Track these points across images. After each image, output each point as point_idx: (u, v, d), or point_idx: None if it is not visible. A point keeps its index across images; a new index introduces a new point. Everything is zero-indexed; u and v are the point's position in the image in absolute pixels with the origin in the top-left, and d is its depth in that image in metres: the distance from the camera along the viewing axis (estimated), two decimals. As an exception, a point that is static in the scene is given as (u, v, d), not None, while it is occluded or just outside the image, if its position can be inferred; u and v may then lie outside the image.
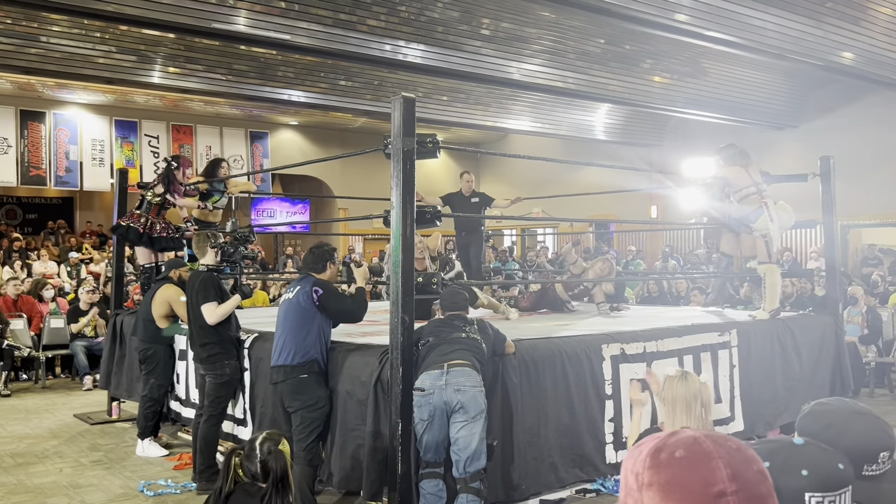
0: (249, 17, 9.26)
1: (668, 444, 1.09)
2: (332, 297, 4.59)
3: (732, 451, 1.07)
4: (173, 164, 7.40)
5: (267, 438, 2.95)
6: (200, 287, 5.31)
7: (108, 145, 15.70)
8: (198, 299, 5.30)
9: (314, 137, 18.40)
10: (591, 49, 11.67)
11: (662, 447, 1.09)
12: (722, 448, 1.07)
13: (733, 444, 1.09)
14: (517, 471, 4.60)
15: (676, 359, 5.57)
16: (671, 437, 1.11)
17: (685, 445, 1.08)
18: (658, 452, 1.09)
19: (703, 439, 1.08)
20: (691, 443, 1.08)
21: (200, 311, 5.28)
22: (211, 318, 5.24)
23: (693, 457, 1.06)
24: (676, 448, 1.08)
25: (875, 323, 8.67)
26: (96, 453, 6.24)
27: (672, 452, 1.08)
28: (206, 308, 5.25)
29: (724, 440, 1.09)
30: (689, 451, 1.07)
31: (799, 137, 14.06)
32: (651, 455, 1.09)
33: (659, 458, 1.08)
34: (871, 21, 9.84)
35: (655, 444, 1.11)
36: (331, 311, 4.58)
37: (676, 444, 1.09)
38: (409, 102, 4.33)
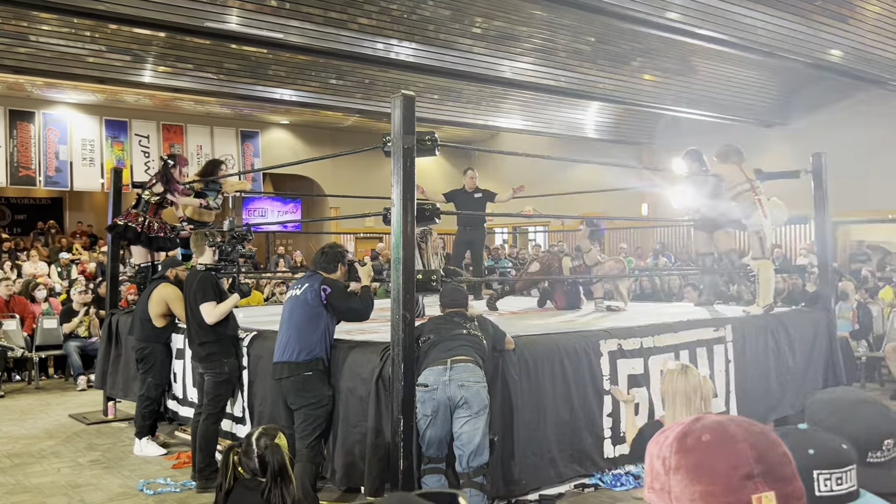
0: (241, 16, 9.25)
1: (694, 429, 1.12)
2: (341, 296, 4.60)
3: (757, 434, 1.10)
4: (170, 163, 7.38)
5: (263, 434, 2.98)
6: (199, 286, 5.32)
7: (98, 145, 15.62)
8: (196, 299, 5.31)
9: (305, 136, 18.38)
10: (582, 47, 11.72)
11: (689, 432, 1.12)
12: (747, 431, 1.10)
13: (757, 427, 1.12)
14: (517, 466, 4.63)
15: (673, 354, 5.62)
16: (696, 422, 1.14)
17: (711, 430, 1.11)
18: (685, 437, 1.11)
19: (728, 423, 1.11)
20: (717, 427, 1.11)
21: (199, 310, 5.29)
22: (210, 317, 5.25)
23: (719, 440, 1.09)
24: (703, 433, 1.11)
25: (865, 318, 8.76)
26: (93, 453, 6.23)
27: (699, 437, 1.10)
28: (205, 307, 5.25)
29: (748, 424, 1.12)
30: (715, 435, 1.10)
31: (788, 135, 14.16)
32: (678, 440, 1.12)
33: (686, 443, 1.11)
34: (859, 19, 9.93)
35: (682, 429, 1.14)
36: (339, 310, 4.60)
37: (703, 429, 1.11)
38: (409, 100, 4.35)
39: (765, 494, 1.05)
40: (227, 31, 9.49)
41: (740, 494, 1.05)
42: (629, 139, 16.40)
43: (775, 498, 1.05)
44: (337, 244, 5.11)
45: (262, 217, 18.66)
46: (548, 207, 11.95)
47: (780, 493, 1.06)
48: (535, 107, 14.87)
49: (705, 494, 1.07)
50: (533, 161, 17.20)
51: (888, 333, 8.66)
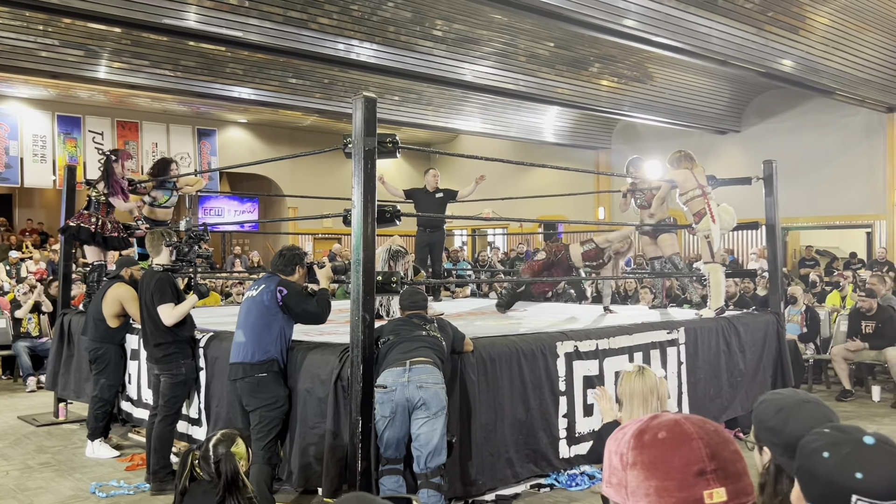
0: (199, 13, 9.16)
1: (651, 427, 1.16)
2: (297, 298, 4.58)
3: (711, 432, 1.14)
4: (112, 157, 7.27)
5: (221, 440, 2.97)
6: (156, 287, 5.25)
7: (50, 141, 15.29)
8: (153, 300, 5.24)
9: (263, 136, 18.22)
10: (541, 52, 11.84)
11: (646, 429, 1.16)
12: (701, 430, 1.14)
13: (711, 426, 1.16)
14: (474, 466, 4.67)
15: (627, 356, 5.71)
16: (653, 419, 1.18)
17: (667, 427, 1.15)
18: (642, 434, 1.16)
19: (683, 421, 1.16)
20: (673, 425, 1.15)
21: (155, 311, 5.22)
22: (168, 318, 5.18)
23: (675, 438, 1.13)
24: (659, 430, 1.15)
25: (813, 322, 9.00)
26: (44, 455, 6.10)
27: (655, 434, 1.15)
28: (163, 309, 5.19)
29: (702, 422, 1.17)
30: (671, 432, 1.14)
31: (740, 141, 14.49)
32: (635, 437, 1.16)
33: (643, 440, 1.15)
34: (808, 31, 10.22)
35: (639, 426, 1.18)
36: (295, 312, 4.58)
37: (659, 427, 1.16)
38: (371, 102, 4.36)
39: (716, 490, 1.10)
40: (185, 28, 9.39)
41: (693, 490, 1.10)
42: (586, 144, 16.61)
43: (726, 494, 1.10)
44: (295, 247, 5.09)
45: (219, 216, 18.44)
46: (507, 210, 12.03)
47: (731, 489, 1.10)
48: (494, 110, 14.98)
49: (660, 489, 1.11)
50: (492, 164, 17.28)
51: (835, 337, 8.92)
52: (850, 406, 7.93)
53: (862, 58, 11.09)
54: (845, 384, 8.30)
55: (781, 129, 13.74)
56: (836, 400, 8.15)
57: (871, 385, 8.40)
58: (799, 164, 12.70)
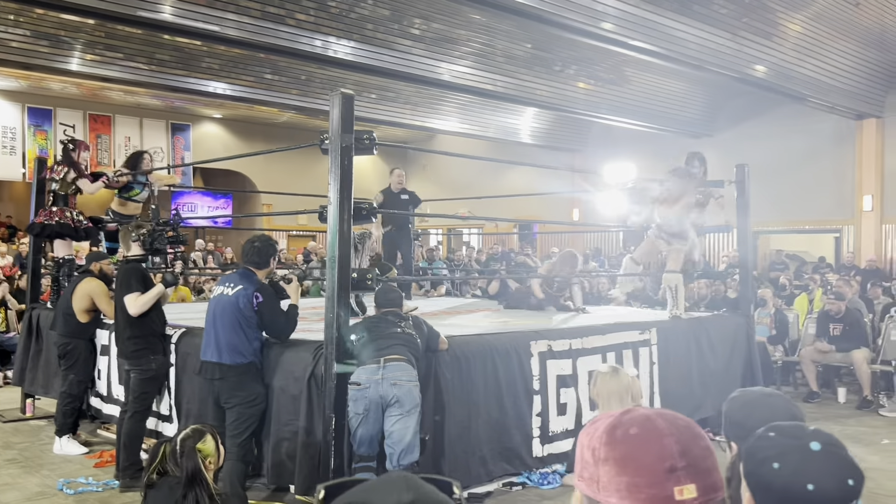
0: (175, 6, 9.06)
1: (622, 422, 1.17)
2: (270, 310, 4.56)
3: (682, 428, 1.16)
4: (70, 147, 7.19)
5: (189, 436, 2.95)
6: (122, 278, 5.23)
7: (20, 133, 15.06)
8: (121, 291, 5.19)
9: (238, 131, 18.09)
10: (518, 53, 11.89)
11: (618, 424, 1.17)
12: (672, 426, 1.15)
13: (682, 421, 1.17)
14: (447, 464, 4.68)
15: (600, 356, 5.75)
16: (625, 414, 1.20)
17: (639, 423, 1.16)
18: (614, 429, 1.17)
19: (655, 417, 1.17)
20: (645, 421, 1.16)
21: (124, 304, 5.17)
22: (133, 308, 5.12)
23: (646, 434, 1.14)
24: (631, 425, 1.16)
25: (782, 324, 9.13)
26: (10, 451, 6.00)
27: (627, 429, 1.16)
28: (128, 299, 5.13)
29: (674, 418, 1.18)
30: (642, 428, 1.15)
31: (713, 145, 14.61)
32: (607, 432, 1.17)
33: (615, 435, 1.16)
34: (781, 37, 10.37)
35: (611, 421, 1.19)
36: (264, 321, 4.56)
37: (631, 422, 1.17)
38: (349, 99, 4.35)
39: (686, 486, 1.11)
40: (160, 22, 9.29)
41: (664, 486, 1.11)
42: (562, 145, 16.70)
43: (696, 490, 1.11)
44: (268, 237, 5.03)
45: (192, 212, 18.27)
46: (482, 209, 12.06)
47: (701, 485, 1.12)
48: (471, 110, 15.01)
49: (631, 486, 1.12)
50: (468, 163, 17.35)
51: (803, 339, 9.05)
52: (816, 407, 8.05)
53: (833, 65, 11.28)
54: (812, 386, 8.43)
55: (754, 134, 13.91)
56: (803, 401, 8.27)
57: (838, 387, 8.54)
58: (770, 169, 12.86)
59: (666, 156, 15.10)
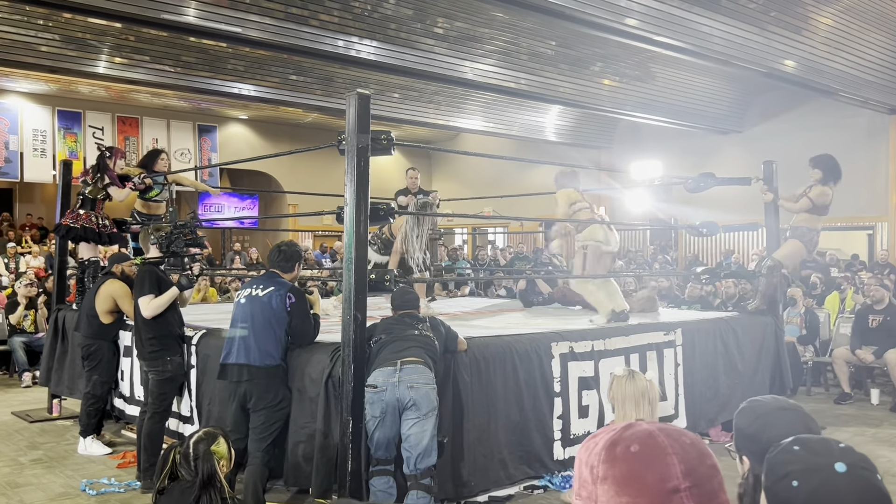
0: (199, 9, 9.12)
1: (623, 438, 1.11)
2: (300, 312, 4.55)
3: (687, 446, 1.09)
4: (107, 154, 7.27)
5: (202, 438, 2.93)
6: (137, 281, 5.26)
7: (50, 136, 15.28)
8: (135, 293, 5.22)
9: (264, 132, 18.19)
10: (543, 51, 11.80)
11: (618, 441, 1.11)
12: (676, 443, 1.09)
13: (687, 438, 1.11)
14: (467, 467, 4.63)
15: (623, 357, 5.67)
16: (627, 430, 1.13)
17: (640, 440, 1.10)
18: (614, 446, 1.10)
19: (658, 434, 1.10)
20: (646, 437, 1.10)
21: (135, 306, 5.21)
22: (146, 310, 5.15)
23: (648, 452, 1.08)
24: (632, 442, 1.10)
25: (813, 324, 8.94)
26: (36, 452, 6.07)
27: (627, 447, 1.09)
28: (141, 301, 5.16)
29: (678, 435, 1.11)
30: (644, 445, 1.09)
31: (742, 142, 14.43)
32: (607, 448, 1.11)
33: (615, 452, 1.10)
34: (811, 31, 10.16)
35: (611, 437, 1.12)
36: (293, 324, 4.54)
37: (632, 439, 1.10)
38: (364, 99, 4.32)
39: None
40: (184, 24, 9.35)
41: None
42: (588, 143, 16.56)
43: None
44: (293, 242, 5.04)
45: (219, 213, 18.43)
46: (507, 208, 11.99)
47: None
48: (495, 108, 14.94)
49: None
50: (493, 162, 17.28)
51: (834, 339, 8.87)
52: (849, 409, 7.88)
53: (865, 59, 11.03)
54: (844, 387, 8.24)
55: (783, 129, 13.67)
56: (834, 403, 8.10)
57: (871, 388, 8.34)
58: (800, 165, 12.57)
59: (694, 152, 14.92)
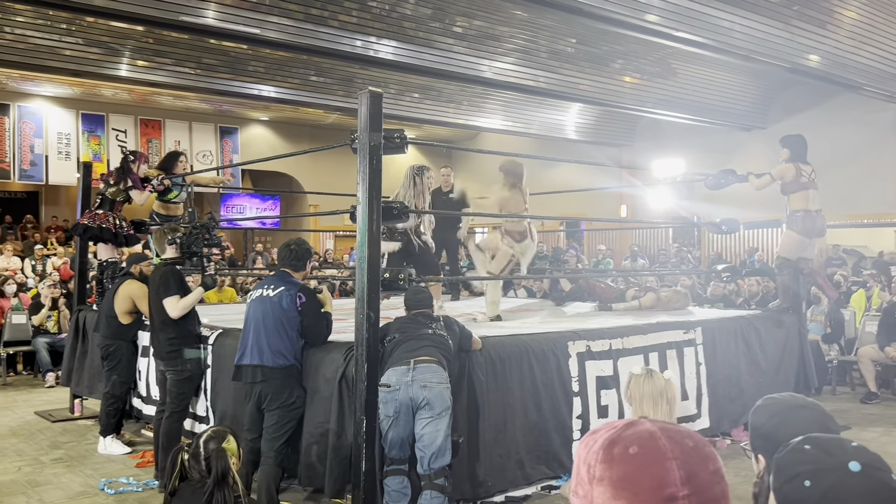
0: (219, 11, 9.16)
1: (623, 438, 1.06)
2: (312, 311, 4.54)
3: (688, 449, 1.04)
4: (131, 158, 7.35)
5: (212, 437, 2.93)
6: (162, 281, 5.26)
7: (74, 139, 15.46)
8: (158, 294, 5.24)
9: (285, 133, 18.27)
10: (562, 48, 11.71)
11: (617, 440, 1.06)
12: (677, 446, 1.04)
13: (690, 441, 1.06)
14: (483, 467, 4.59)
15: (642, 356, 5.60)
16: (628, 428, 1.08)
17: (640, 441, 1.05)
18: (612, 446, 1.06)
19: (659, 435, 1.05)
20: (647, 439, 1.05)
21: (162, 306, 5.21)
22: (174, 311, 5.17)
23: (647, 455, 1.03)
24: (632, 443, 1.05)
25: (837, 322, 8.79)
26: (57, 451, 6.13)
27: (626, 448, 1.05)
28: (168, 302, 5.18)
29: (680, 437, 1.06)
30: (643, 448, 1.04)
31: (766, 138, 14.22)
32: (605, 448, 1.06)
33: (612, 453, 1.05)
34: (836, 24, 9.98)
35: (611, 435, 1.08)
36: (304, 324, 4.53)
37: (631, 439, 1.05)
38: (376, 97, 4.29)
39: None
40: (205, 26, 9.40)
41: None
42: (609, 141, 16.42)
43: None
44: (303, 240, 5.02)
45: (241, 214, 18.54)
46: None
47: None
48: (515, 107, 14.87)
49: None
50: (513, 161, 17.18)
51: (860, 337, 8.71)
52: (875, 409, 7.73)
53: (891, 52, 10.82)
54: (871, 386, 8.09)
55: (808, 125, 13.39)
56: (860, 402, 7.96)
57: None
58: (826, 161, 12.39)
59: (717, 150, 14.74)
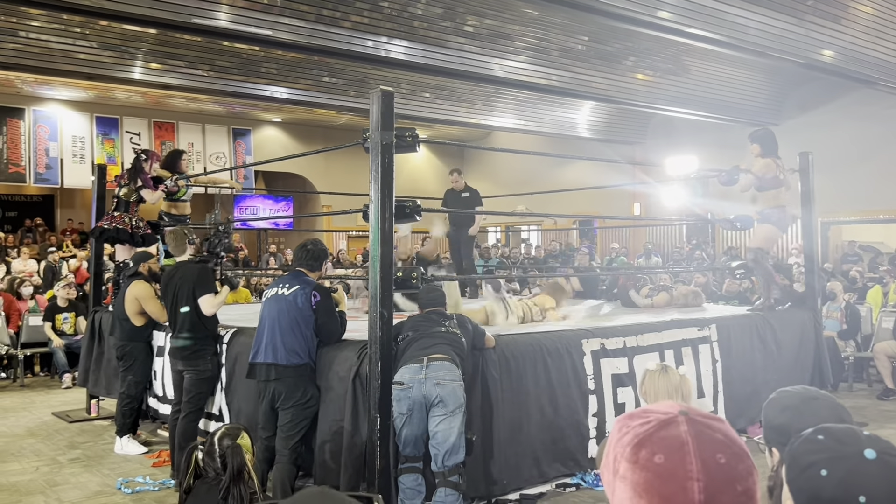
0: (231, 13, 9.20)
1: (653, 440, 1.02)
2: (326, 310, 4.56)
3: (717, 468, 0.99)
4: (143, 157, 7.40)
5: (226, 434, 2.95)
6: (199, 279, 5.24)
7: (88, 142, 15.56)
8: (195, 292, 5.22)
9: (298, 134, 18.32)
10: (574, 46, 11.68)
11: (646, 442, 1.02)
12: (704, 467, 0.99)
13: (723, 456, 1.00)
14: (497, 465, 4.59)
15: (657, 353, 5.58)
16: (661, 429, 1.03)
17: (668, 451, 1.01)
18: (640, 447, 1.02)
19: (689, 449, 1.00)
20: (676, 449, 1.00)
21: (188, 304, 5.20)
22: (210, 308, 5.20)
23: (670, 469, 0.99)
24: (659, 450, 1.01)
25: (853, 318, 8.72)
26: (74, 451, 6.18)
27: (653, 454, 1.01)
28: (206, 299, 5.18)
29: (713, 451, 1.00)
30: (669, 460, 1.00)
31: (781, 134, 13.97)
32: (633, 446, 1.03)
33: (638, 455, 1.02)
34: (851, 19, 9.90)
35: (643, 432, 1.04)
36: (319, 321, 4.55)
37: (660, 445, 1.02)
38: (388, 96, 4.30)
39: None
40: (217, 28, 9.44)
41: None
42: (622, 139, 16.37)
43: None
44: (318, 240, 5.04)
45: (254, 215, 18.61)
46: (541, 206, 11.91)
47: None
48: (527, 106, 14.84)
49: None
50: (525, 160, 17.20)
51: (876, 333, 8.64)
52: (892, 405, 7.67)
53: (907, 47, 10.73)
54: (888, 382, 8.03)
55: (822, 121, 13.36)
56: (877, 398, 7.90)
57: (916, 384, 8.11)
58: (842, 157, 12.34)
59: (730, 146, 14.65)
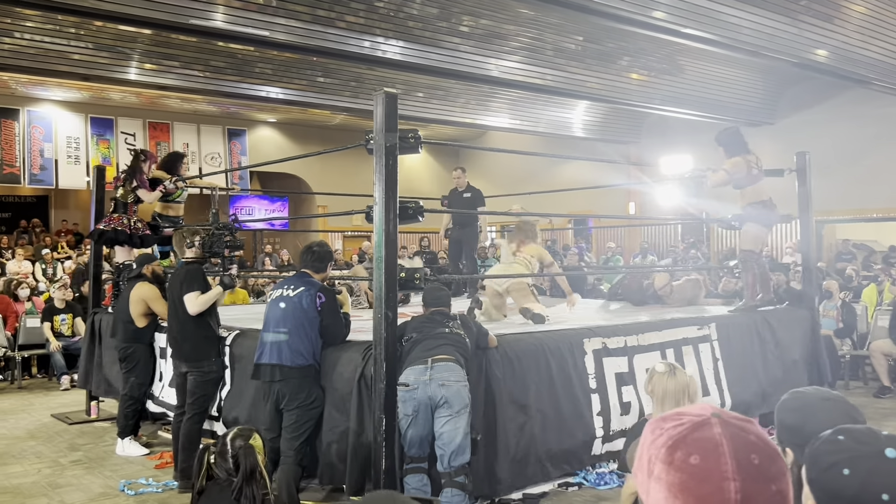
0: (227, 13, 9.19)
1: (687, 442, 1.03)
2: (331, 311, 4.58)
3: (752, 468, 1.01)
4: (142, 157, 7.40)
5: (238, 435, 2.97)
6: (185, 278, 5.27)
7: (83, 143, 15.51)
8: (181, 291, 5.25)
9: (293, 135, 18.30)
10: (569, 46, 11.72)
11: (681, 444, 1.03)
12: (740, 467, 1.00)
13: (757, 457, 1.02)
14: (501, 465, 4.61)
15: (658, 352, 5.62)
16: (695, 430, 1.04)
17: (703, 452, 1.02)
18: (675, 449, 1.03)
19: (724, 450, 1.01)
20: (711, 450, 1.01)
21: (182, 304, 5.22)
22: (193, 306, 5.19)
23: (707, 469, 1.00)
24: (694, 451, 1.02)
25: (849, 317, 8.78)
26: (75, 453, 6.17)
27: (688, 455, 1.02)
28: (188, 297, 5.19)
29: (746, 451, 1.02)
30: (705, 460, 1.01)
31: (774, 134, 14.20)
32: (668, 448, 1.04)
33: (674, 457, 1.03)
34: (844, 19, 9.97)
35: (677, 434, 1.05)
36: (323, 323, 4.57)
37: (695, 446, 1.03)
38: (392, 98, 4.33)
39: None
40: (212, 29, 9.42)
41: None
42: (617, 138, 16.42)
43: None
44: (324, 242, 5.07)
45: (250, 215, 18.58)
46: (536, 205, 11.93)
47: None
48: (522, 105, 14.87)
49: None
50: (520, 159, 17.22)
51: (872, 332, 8.70)
52: (889, 403, 7.73)
53: (899, 46, 10.80)
54: (884, 380, 8.09)
55: (816, 120, 13.44)
56: (873, 396, 7.96)
57: (911, 381, 8.18)
58: (835, 156, 12.42)
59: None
